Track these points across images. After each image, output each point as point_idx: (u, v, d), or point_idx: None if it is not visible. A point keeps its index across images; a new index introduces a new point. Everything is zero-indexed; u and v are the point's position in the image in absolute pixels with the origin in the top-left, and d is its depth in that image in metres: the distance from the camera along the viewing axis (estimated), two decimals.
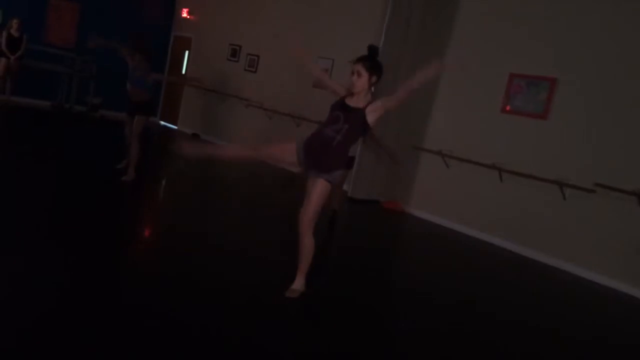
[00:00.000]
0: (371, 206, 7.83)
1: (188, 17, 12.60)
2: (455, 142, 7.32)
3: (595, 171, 6.01)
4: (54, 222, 4.42)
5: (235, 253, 4.52)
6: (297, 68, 9.63)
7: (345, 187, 7.29)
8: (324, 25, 9.30)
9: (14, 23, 9.65)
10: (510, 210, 6.73)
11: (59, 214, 4.67)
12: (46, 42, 10.92)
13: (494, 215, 6.88)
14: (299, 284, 3.70)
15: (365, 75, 3.50)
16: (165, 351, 2.72)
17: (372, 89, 3.60)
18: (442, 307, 4.29)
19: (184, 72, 12.59)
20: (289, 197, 6.33)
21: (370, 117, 3.48)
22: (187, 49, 12.53)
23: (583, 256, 6.06)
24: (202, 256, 4.31)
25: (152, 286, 3.53)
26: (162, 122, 12.94)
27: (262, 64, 10.54)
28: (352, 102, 3.57)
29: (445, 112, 7.57)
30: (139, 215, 5.33)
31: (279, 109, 9.79)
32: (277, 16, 10.28)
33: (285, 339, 3.18)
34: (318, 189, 3.53)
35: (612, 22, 6.07)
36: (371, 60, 3.57)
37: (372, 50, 3.64)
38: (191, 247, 4.46)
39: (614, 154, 5.94)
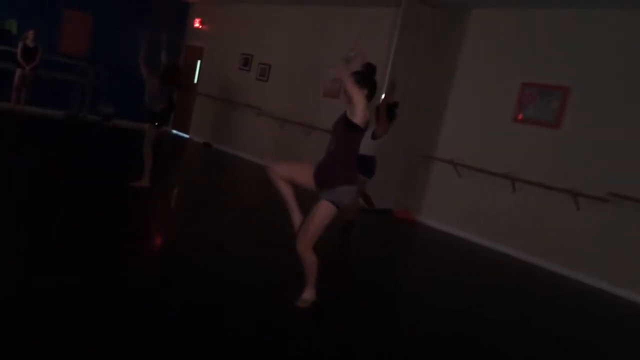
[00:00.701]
0: (383, 216, 7.81)
1: (200, 27, 12.71)
2: (467, 151, 7.30)
3: (609, 180, 5.96)
4: (60, 223, 4.46)
5: (236, 254, 4.55)
6: (308, 77, 9.68)
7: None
8: (336, 33, 9.34)
9: (30, 34, 9.79)
10: (523, 220, 6.68)
11: (67, 216, 4.70)
12: (60, 52, 11.05)
13: (506, 224, 6.83)
14: (309, 294, 3.70)
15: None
16: (166, 351, 2.74)
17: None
18: (448, 311, 4.27)
19: (195, 81, 12.69)
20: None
21: (349, 112, 3.42)
22: (199, 59, 12.64)
23: (597, 266, 6.00)
24: (203, 257, 4.35)
25: (152, 286, 3.58)
26: (174, 131, 13.03)
27: (274, 73, 10.59)
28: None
29: (456, 121, 7.55)
30: (145, 218, 5.36)
31: (290, 118, 9.82)
32: (287, 26, 10.35)
33: (288, 340, 3.20)
34: (319, 210, 3.44)
35: (623, 31, 6.04)
36: (361, 75, 3.59)
37: (370, 68, 3.66)
38: (192, 248, 4.50)
39: (627, 163, 5.89)
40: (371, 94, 3.59)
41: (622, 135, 5.95)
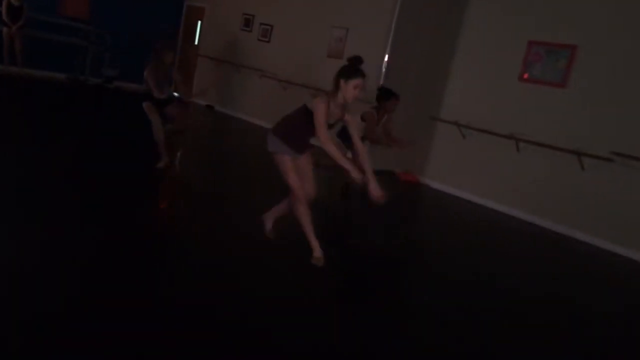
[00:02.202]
0: (386, 177, 7.82)
1: None
2: (472, 112, 7.26)
3: (614, 140, 5.93)
4: (73, 193, 4.49)
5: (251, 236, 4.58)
6: (311, 38, 9.54)
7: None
8: None
9: None
10: (528, 181, 6.69)
11: (80, 187, 4.74)
12: (60, 14, 10.89)
13: (511, 186, 6.85)
14: (317, 249, 3.85)
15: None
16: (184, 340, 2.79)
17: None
18: (456, 282, 4.32)
19: (196, 42, 12.52)
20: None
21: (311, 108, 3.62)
22: (200, 19, 12.43)
23: (601, 227, 6.04)
24: (226, 241, 4.37)
25: (168, 274, 3.60)
26: (176, 94, 12.94)
27: (276, 34, 10.44)
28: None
29: (461, 82, 7.48)
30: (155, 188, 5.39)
31: (293, 80, 9.73)
32: None
33: (296, 312, 3.25)
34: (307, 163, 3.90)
35: None
36: (347, 68, 3.67)
37: (355, 60, 3.66)
38: (208, 234, 4.52)
39: (633, 123, 5.85)
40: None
41: (628, 95, 5.89)
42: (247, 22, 11.03)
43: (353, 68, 3.61)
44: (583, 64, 6.25)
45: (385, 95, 5.86)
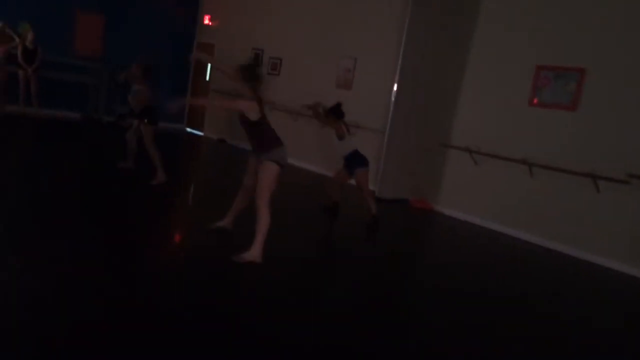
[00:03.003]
0: (399, 205, 7.79)
1: (210, 23, 12.73)
2: (483, 138, 7.23)
3: (630, 162, 5.86)
4: (87, 223, 4.51)
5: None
6: (320, 69, 9.66)
7: (372, 186, 7.32)
8: (346, 26, 9.29)
9: (29, 35, 9.83)
10: (543, 205, 6.61)
11: (92, 215, 4.76)
12: (74, 54, 11.15)
13: (526, 210, 6.76)
14: (256, 252, 4.15)
15: None
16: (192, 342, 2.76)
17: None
18: (471, 301, 4.24)
19: (207, 78, 12.72)
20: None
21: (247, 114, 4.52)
22: (211, 55, 12.65)
23: (618, 248, 5.92)
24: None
25: (176, 288, 3.58)
26: (189, 129, 13.09)
27: (285, 67, 10.58)
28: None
29: (471, 108, 7.48)
30: (166, 216, 5.40)
31: (303, 111, 9.79)
32: (298, 19, 10.32)
33: (301, 331, 3.20)
34: (266, 169, 4.30)
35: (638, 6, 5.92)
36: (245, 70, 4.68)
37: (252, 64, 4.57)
38: (213, 246, 4.51)
39: None
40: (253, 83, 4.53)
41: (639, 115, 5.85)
42: (257, 57, 11.21)
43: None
44: (593, 87, 6.23)
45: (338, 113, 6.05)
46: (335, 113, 6.05)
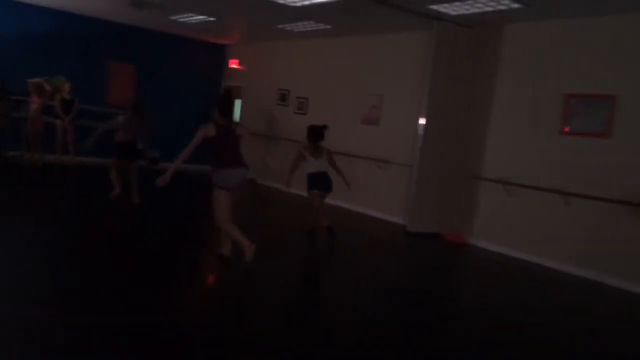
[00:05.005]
0: (431, 239, 7.68)
1: (237, 67, 13.07)
2: (515, 169, 7.13)
3: None
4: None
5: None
6: (345, 106, 9.75)
7: (402, 221, 7.29)
8: (370, 64, 9.41)
9: (66, 87, 10.21)
10: (580, 235, 6.42)
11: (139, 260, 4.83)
12: (107, 104, 11.53)
13: (562, 241, 6.58)
14: (249, 249, 4.75)
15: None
16: None
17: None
18: (512, 338, 4.10)
19: (237, 119, 12.97)
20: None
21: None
22: (239, 98, 12.95)
23: None
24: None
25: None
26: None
27: (311, 106, 10.72)
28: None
29: (501, 139, 7.40)
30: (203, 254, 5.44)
31: (331, 148, 9.85)
32: (323, 59, 10.51)
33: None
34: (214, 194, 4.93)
35: None
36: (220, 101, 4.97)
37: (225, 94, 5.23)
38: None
39: None
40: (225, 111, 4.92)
41: None
42: (283, 97, 11.41)
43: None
44: (626, 113, 6.12)
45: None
46: (311, 133, 6.48)
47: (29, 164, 10.02)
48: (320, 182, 6.38)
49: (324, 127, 6.56)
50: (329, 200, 6.78)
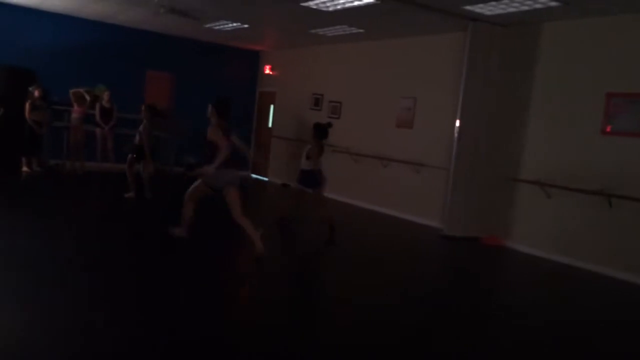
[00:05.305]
0: (469, 243, 7.55)
1: (271, 73, 13.19)
2: (554, 170, 6.96)
3: None
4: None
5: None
6: (380, 110, 9.71)
7: (438, 224, 7.22)
8: (404, 66, 9.36)
9: (105, 95, 10.48)
10: (624, 238, 6.21)
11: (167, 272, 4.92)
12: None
13: (607, 245, 6.37)
14: (258, 247, 5.27)
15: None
16: None
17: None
18: (554, 346, 3.99)
19: (270, 124, 13.08)
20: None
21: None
22: (272, 103, 13.06)
23: None
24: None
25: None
26: (254, 175, 13.42)
27: (345, 110, 10.72)
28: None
29: (539, 140, 7.24)
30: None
31: (364, 152, 9.85)
32: (356, 63, 10.50)
33: None
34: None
35: None
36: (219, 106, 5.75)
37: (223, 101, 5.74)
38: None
39: None
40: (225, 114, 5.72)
41: None
42: (317, 102, 11.44)
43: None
44: None
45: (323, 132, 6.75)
46: (317, 131, 6.73)
47: (69, 171, 10.33)
48: (309, 181, 6.94)
49: (329, 125, 6.92)
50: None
